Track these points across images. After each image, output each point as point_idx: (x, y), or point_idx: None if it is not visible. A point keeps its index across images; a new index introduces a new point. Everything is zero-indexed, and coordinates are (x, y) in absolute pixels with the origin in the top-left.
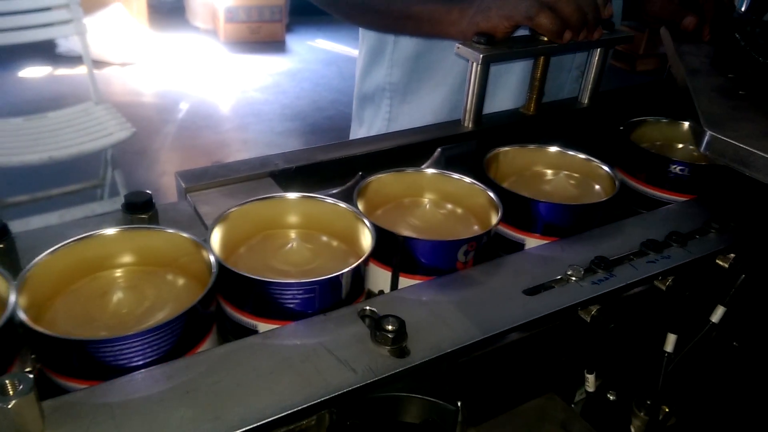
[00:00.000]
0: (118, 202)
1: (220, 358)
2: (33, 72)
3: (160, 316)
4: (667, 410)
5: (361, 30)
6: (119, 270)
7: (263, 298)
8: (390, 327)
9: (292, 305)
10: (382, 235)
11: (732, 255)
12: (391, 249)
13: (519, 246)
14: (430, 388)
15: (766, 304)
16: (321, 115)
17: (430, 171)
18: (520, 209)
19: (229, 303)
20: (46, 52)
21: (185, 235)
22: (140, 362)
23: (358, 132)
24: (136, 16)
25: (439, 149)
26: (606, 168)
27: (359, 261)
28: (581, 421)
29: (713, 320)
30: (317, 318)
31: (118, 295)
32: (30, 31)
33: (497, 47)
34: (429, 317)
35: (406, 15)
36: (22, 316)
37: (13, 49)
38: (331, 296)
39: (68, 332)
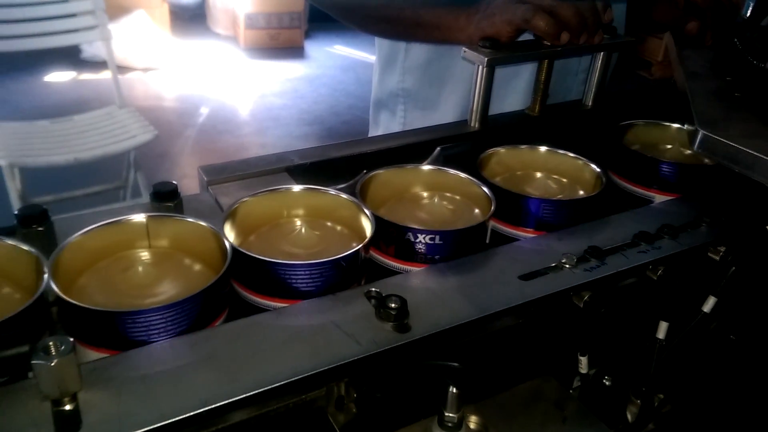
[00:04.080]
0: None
1: (237, 330)
2: (58, 77)
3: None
4: (662, 397)
5: (376, 39)
6: (144, 251)
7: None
8: (393, 305)
9: (301, 286)
10: None
11: (722, 248)
12: None
13: (511, 241)
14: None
15: (756, 295)
16: (338, 120)
17: (428, 167)
18: (512, 205)
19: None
20: (70, 57)
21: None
22: (161, 335)
23: (375, 135)
24: (159, 23)
25: (438, 148)
26: (593, 166)
27: (360, 245)
28: (575, 401)
29: (705, 310)
30: (327, 297)
31: (139, 272)
32: (56, 36)
33: (501, 51)
34: (430, 298)
35: (416, 23)
36: (55, 289)
37: (39, 55)
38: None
39: (95, 304)
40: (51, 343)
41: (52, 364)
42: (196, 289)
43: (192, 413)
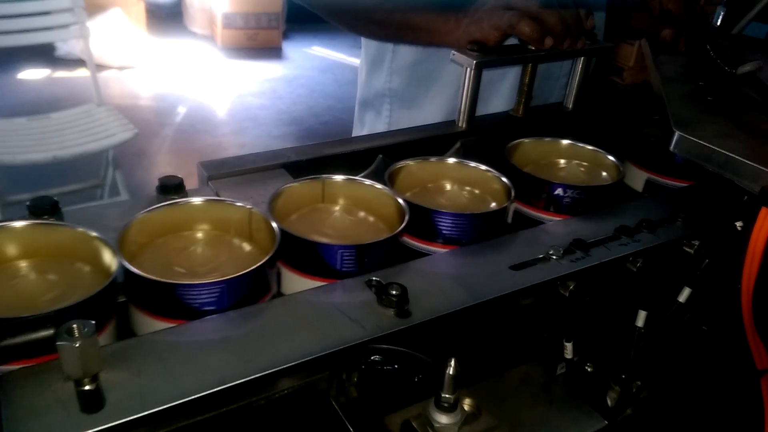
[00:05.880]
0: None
1: (249, 316)
2: (32, 74)
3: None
4: (639, 384)
5: (363, 39)
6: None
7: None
8: (394, 292)
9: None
10: None
11: (696, 242)
12: None
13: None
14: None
15: (728, 288)
16: (316, 121)
17: (566, 141)
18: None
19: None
20: (44, 54)
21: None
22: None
23: (359, 134)
24: (135, 21)
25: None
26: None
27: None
28: (561, 385)
29: (680, 300)
30: (330, 285)
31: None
32: (34, 33)
33: (489, 54)
34: (428, 286)
35: (405, 25)
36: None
37: (13, 52)
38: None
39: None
40: (75, 326)
41: (77, 345)
42: (382, 235)
43: (211, 391)
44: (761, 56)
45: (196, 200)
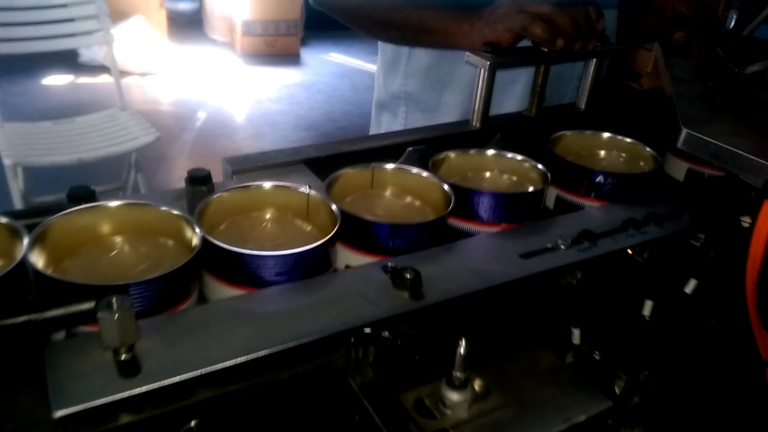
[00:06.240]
0: None
1: (271, 296)
2: (56, 80)
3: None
4: (646, 373)
5: (379, 43)
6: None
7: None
8: (408, 275)
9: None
10: None
11: (702, 235)
12: None
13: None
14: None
15: (733, 280)
16: (334, 126)
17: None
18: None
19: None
20: (68, 61)
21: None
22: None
23: None
24: (156, 29)
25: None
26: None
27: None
28: (568, 370)
29: (687, 291)
30: (347, 270)
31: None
32: (59, 40)
33: (502, 56)
34: (440, 272)
35: (421, 29)
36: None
37: (37, 58)
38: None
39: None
40: (114, 300)
41: (115, 317)
42: (430, 217)
43: (237, 360)
44: None
45: (265, 184)
